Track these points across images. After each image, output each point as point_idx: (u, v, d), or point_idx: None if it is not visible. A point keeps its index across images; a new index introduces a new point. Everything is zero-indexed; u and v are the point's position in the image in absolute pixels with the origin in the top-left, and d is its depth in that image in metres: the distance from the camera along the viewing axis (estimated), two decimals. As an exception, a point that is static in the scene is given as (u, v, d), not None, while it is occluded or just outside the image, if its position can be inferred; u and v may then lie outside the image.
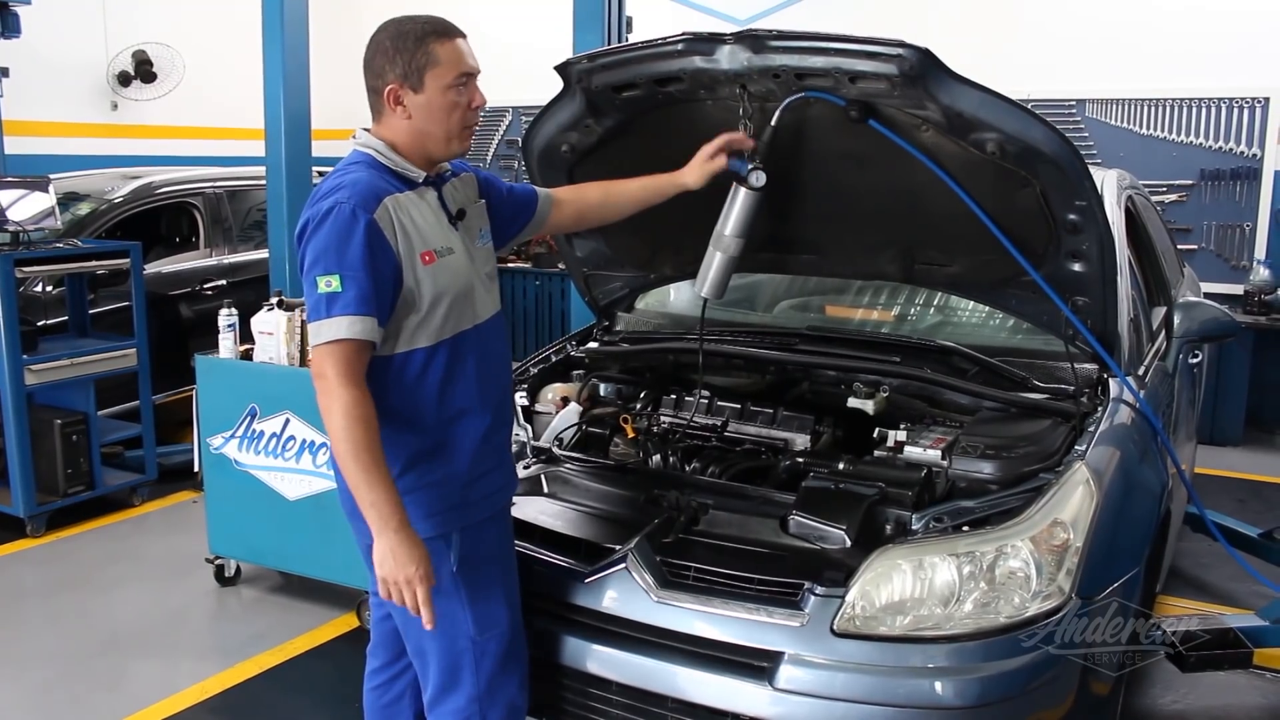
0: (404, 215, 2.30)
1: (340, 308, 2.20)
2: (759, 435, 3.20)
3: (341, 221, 2.22)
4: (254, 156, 6.03)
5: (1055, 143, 2.61)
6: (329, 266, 2.21)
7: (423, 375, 2.36)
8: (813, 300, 3.92)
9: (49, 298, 5.86)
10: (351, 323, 2.20)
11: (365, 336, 2.21)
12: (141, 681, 3.85)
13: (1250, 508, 5.66)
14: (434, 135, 2.37)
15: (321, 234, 2.23)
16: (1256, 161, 7.12)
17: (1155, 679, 3.72)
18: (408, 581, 2.21)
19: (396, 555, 2.20)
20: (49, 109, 8.15)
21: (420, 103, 2.33)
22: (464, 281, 2.40)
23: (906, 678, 2.32)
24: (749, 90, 2.78)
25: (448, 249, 2.38)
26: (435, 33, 2.34)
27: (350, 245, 2.21)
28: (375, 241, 2.23)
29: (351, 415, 2.18)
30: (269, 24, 5.20)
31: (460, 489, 2.41)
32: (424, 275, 2.31)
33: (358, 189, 2.26)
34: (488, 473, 2.46)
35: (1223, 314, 3.59)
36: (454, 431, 2.40)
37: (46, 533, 5.22)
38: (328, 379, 2.21)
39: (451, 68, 2.33)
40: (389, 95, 2.33)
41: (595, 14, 5.18)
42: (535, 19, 8.04)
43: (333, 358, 2.20)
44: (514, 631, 2.51)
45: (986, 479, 2.71)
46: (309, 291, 2.27)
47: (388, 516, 2.20)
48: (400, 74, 2.32)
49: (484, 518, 2.46)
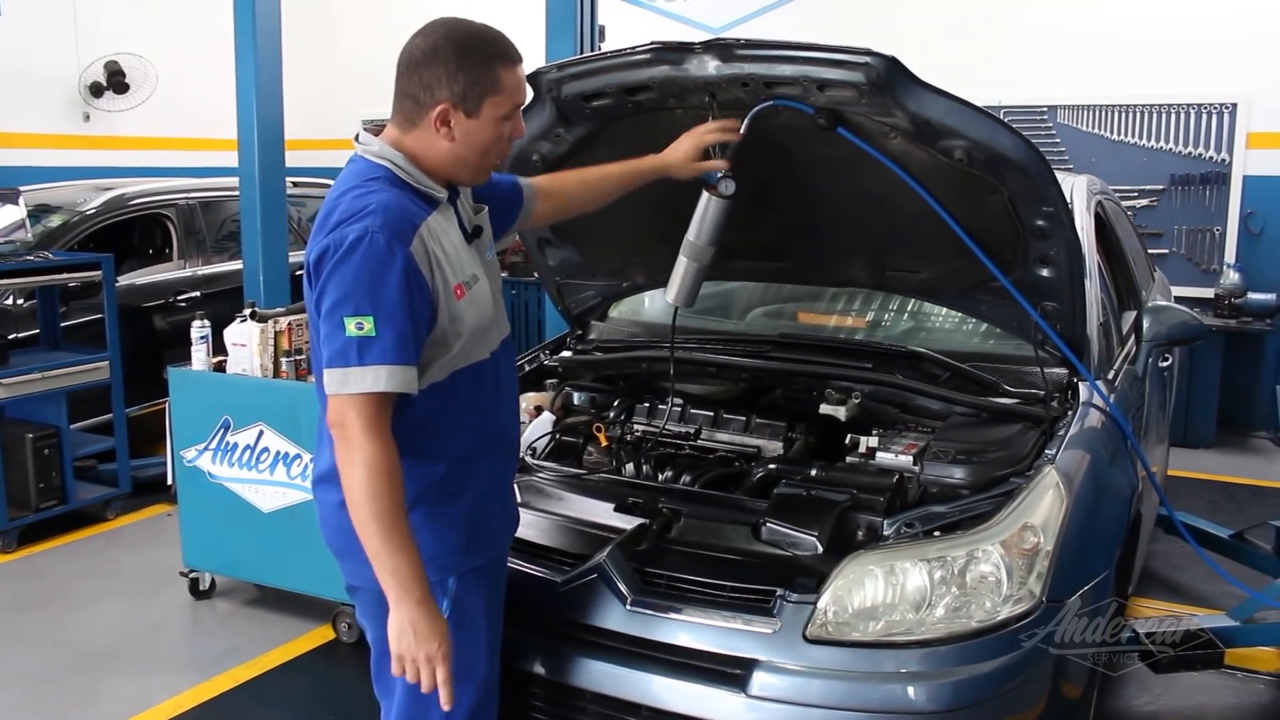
0: (436, 245, 2.09)
1: (376, 356, 1.97)
2: (732, 442, 3.21)
3: (375, 254, 1.97)
4: (228, 167, 5.99)
5: (1022, 149, 2.64)
6: (360, 306, 1.97)
7: (433, 410, 2.16)
8: (786, 307, 3.93)
9: (20, 310, 5.82)
10: (391, 374, 1.98)
11: (404, 388, 2.01)
12: (116, 697, 3.82)
13: (1222, 509, 5.71)
14: (469, 164, 2.18)
15: (350, 267, 1.98)
16: (1225, 166, 7.19)
17: (1129, 680, 3.74)
18: (428, 659, 2.01)
19: (418, 630, 2.00)
20: (19, 120, 8.09)
21: (470, 129, 2.13)
22: (489, 311, 2.23)
23: (879, 683, 2.33)
24: (718, 99, 2.79)
25: (474, 277, 2.19)
26: (504, 57, 2.14)
27: (386, 283, 1.97)
28: (413, 279, 2.00)
29: (377, 473, 1.97)
30: (241, 34, 5.17)
31: (465, 532, 2.22)
32: (457, 311, 2.12)
33: (389, 215, 2.01)
34: (494, 514, 2.32)
35: (1190, 318, 3.62)
36: (462, 469, 2.22)
37: (18, 548, 5.17)
38: (349, 430, 1.99)
39: (510, 98, 2.15)
40: (438, 113, 2.10)
41: (568, 23, 5.18)
42: (509, 28, 8.02)
43: (358, 408, 1.98)
44: (490, 684, 2.35)
45: (957, 484, 2.73)
46: (332, 333, 2.00)
47: (410, 587, 1.99)
48: (458, 94, 2.10)
49: (483, 562, 2.29)
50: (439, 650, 2.02)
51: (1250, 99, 7.10)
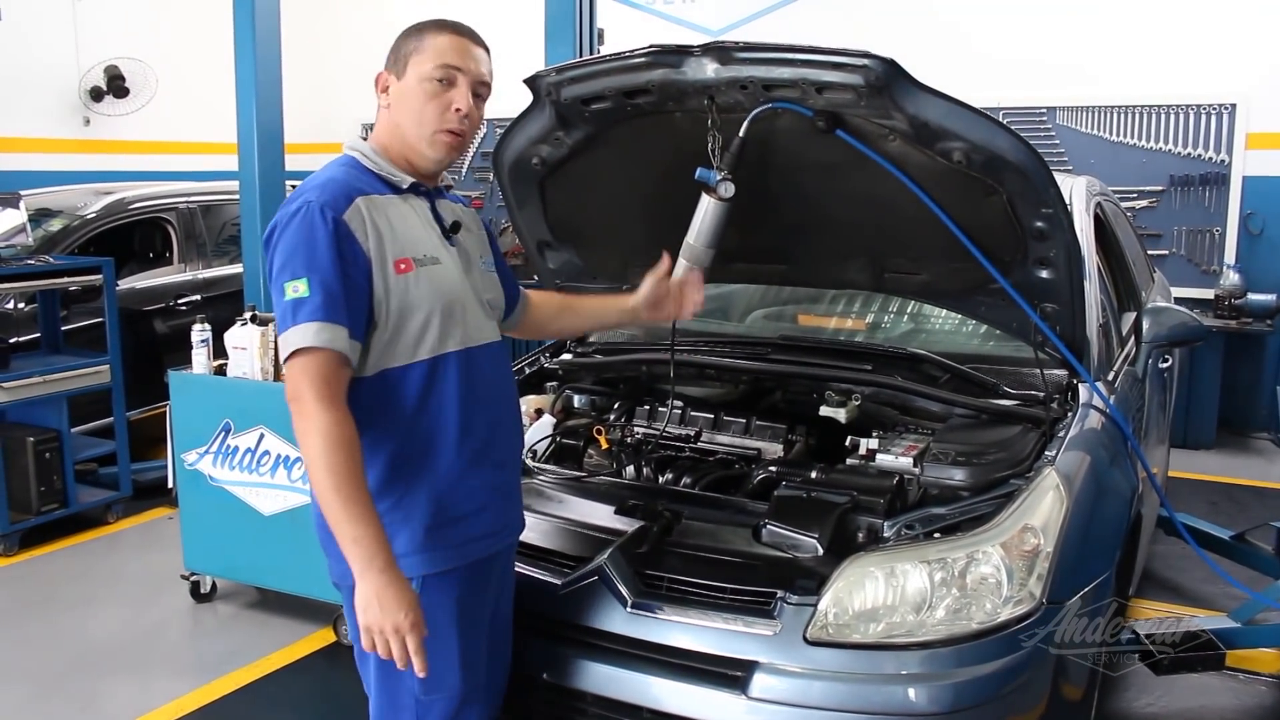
0: (380, 216, 2.13)
1: (308, 314, 2.01)
2: (732, 445, 3.20)
3: (309, 221, 2.05)
4: (228, 171, 6.00)
5: (1021, 151, 2.64)
6: (295, 270, 2.03)
7: (395, 399, 2.15)
8: (785, 309, 3.93)
9: (21, 314, 5.82)
10: (319, 329, 2.00)
11: (333, 345, 2.01)
12: (116, 700, 3.82)
13: (1222, 510, 5.71)
14: (407, 129, 2.21)
15: (288, 236, 2.06)
16: (1225, 167, 7.20)
17: (1129, 682, 3.74)
18: (395, 630, 1.97)
19: (383, 600, 1.96)
20: (20, 125, 8.10)
21: (399, 91, 2.22)
22: (450, 297, 2.19)
23: (880, 685, 2.33)
24: (717, 102, 2.79)
25: (432, 259, 2.18)
26: (436, 26, 2.24)
27: (317, 246, 2.03)
28: (344, 242, 2.06)
29: (330, 440, 1.97)
30: (241, 37, 5.18)
31: (426, 530, 2.17)
32: (395, 285, 2.12)
33: (329, 188, 2.11)
34: (465, 517, 2.23)
35: (1190, 318, 3.62)
36: (424, 465, 2.18)
37: (20, 551, 5.17)
38: (303, 400, 2.00)
39: (434, 56, 2.19)
40: (377, 82, 2.25)
41: (566, 26, 5.19)
42: (508, 31, 8.04)
43: (307, 375, 2.00)
44: (465, 700, 2.26)
45: (958, 485, 2.73)
46: (277, 301, 2.08)
47: (372, 555, 1.97)
48: (391, 61, 2.24)
49: (450, 568, 2.21)
50: (407, 619, 1.98)
51: (1249, 99, 7.11)
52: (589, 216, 3.45)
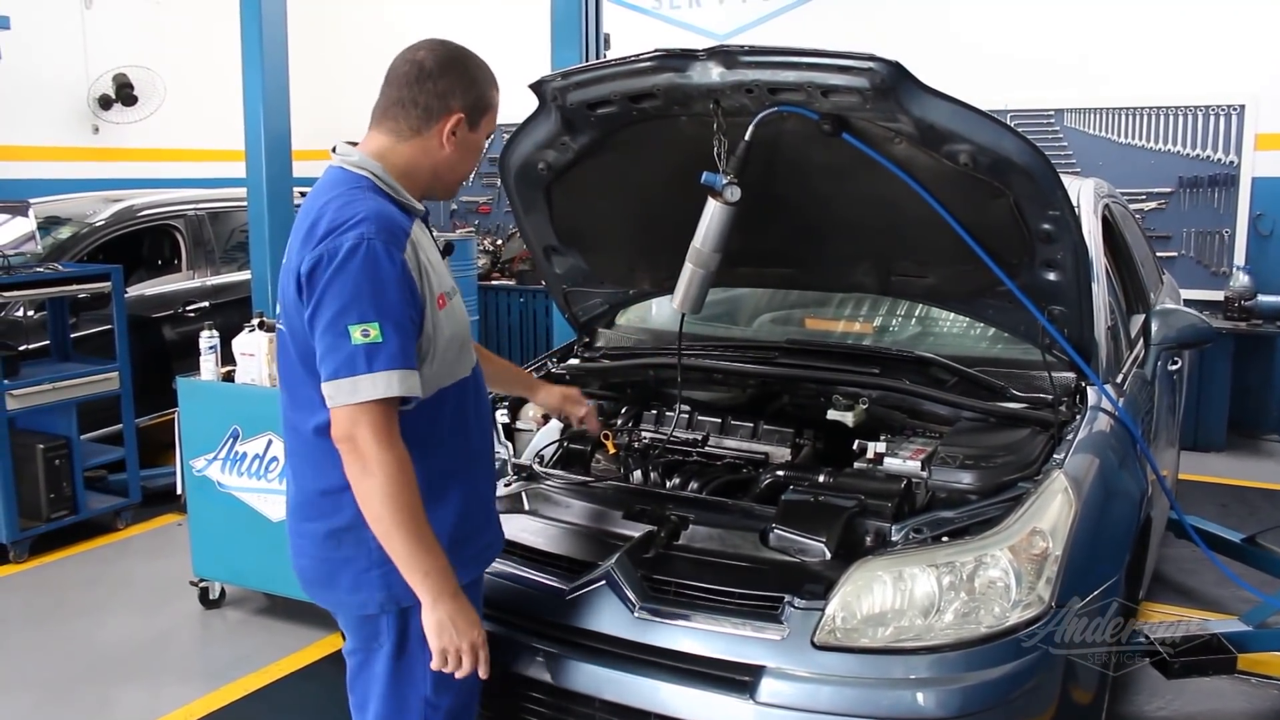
0: (422, 254, 2.13)
1: (385, 361, 1.98)
2: (739, 449, 3.20)
3: (374, 261, 1.99)
4: (235, 178, 6.02)
5: (1027, 153, 2.64)
6: (365, 314, 1.97)
7: (427, 426, 2.17)
8: (793, 313, 3.93)
9: (30, 322, 5.85)
10: (403, 377, 2.00)
11: (413, 393, 2.03)
12: (126, 706, 3.83)
13: (1233, 512, 5.69)
14: (457, 175, 2.29)
15: (350, 275, 1.99)
16: (1234, 168, 7.18)
17: (1140, 686, 3.72)
18: (471, 648, 2.12)
19: (458, 624, 2.09)
20: (29, 133, 8.14)
21: (469, 142, 2.24)
22: (466, 325, 2.27)
23: (888, 689, 2.32)
24: (723, 105, 2.79)
25: (454, 290, 2.25)
26: (496, 83, 2.30)
27: (388, 289, 2.00)
28: (408, 285, 2.05)
29: (396, 481, 2.00)
30: (248, 45, 5.20)
31: (451, 547, 2.18)
32: (438, 319, 2.15)
33: (382, 222, 2.05)
34: (476, 531, 2.34)
35: (1200, 320, 3.61)
36: (446, 487, 2.23)
37: (30, 558, 5.19)
38: (362, 442, 1.99)
39: (494, 120, 2.31)
40: (451, 121, 2.19)
41: (573, 31, 5.20)
42: (516, 36, 8.06)
43: (370, 417, 1.98)
44: (469, 693, 2.35)
45: (966, 489, 2.72)
46: (336, 343, 2.00)
47: (443, 585, 2.07)
48: (470, 105, 2.21)
49: (469, 581, 2.26)
50: (480, 637, 2.14)
51: (1258, 100, 7.09)
52: (595, 221, 3.45)
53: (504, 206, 9.63)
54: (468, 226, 10.01)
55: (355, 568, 2.19)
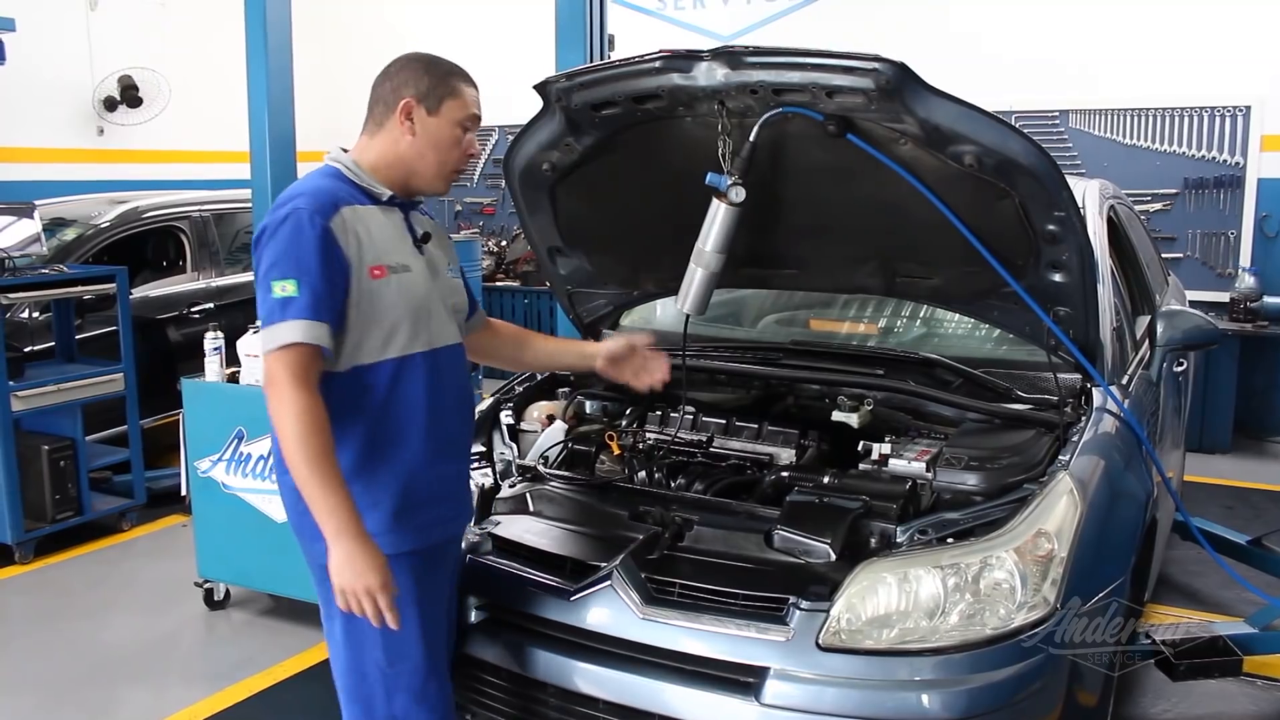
0: (360, 225, 2.32)
1: (295, 312, 2.20)
2: (744, 450, 3.20)
3: (298, 226, 2.24)
4: (240, 180, 6.02)
5: (1032, 154, 2.63)
6: (285, 271, 2.22)
7: (365, 393, 2.33)
8: (797, 314, 3.92)
9: (35, 323, 5.85)
10: (307, 327, 2.20)
11: (318, 341, 2.21)
12: (130, 707, 3.83)
13: (1239, 514, 5.68)
14: (428, 162, 2.42)
15: (278, 239, 2.25)
16: (1239, 169, 7.17)
17: (1146, 688, 3.72)
18: (367, 590, 2.17)
19: (355, 563, 2.17)
20: (34, 135, 8.16)
21: (430, 125, 2.40)
22: (418, 302, 2.39)
23: (893, 691, 2.32)
24: (727, 106, 2.79)
25: (403, 266, 2.37)
26: (462, 75, 2.46)
27: (305, 250, 2.22)
28: (329, 247, 2.24)
29: (305, 420, 2.17)
30: (253, 47, 5.19)
31: (389, 515, 2.35)
32: (369, 289, 2.31)
33: (317, 196, 2.29)
34: (423, 504, 2.41)
35: (1205, 322, 3.60)
36: (389, 456, 2.36)
37: (35, 559, 5.19)
38: (279, 384, 2.19)
39: (466, 107, 2.43)
40: (403, 108, 2.38)
41: (577, 32, 5.19)
42: (521, 37, 8.07)
43: (284, 362, 2.20)
44: (429, 676, 2.42)
45: (971, 490, 2.71)
46: (263, 297, 2.26)
47: (345, 522, 2.17)
48: (422, 92, 2.39)
49: (412, 549, 2.38)
50: (378, 579, 2.17)
51: (1264, 101, 7.08)
52: (600, 222, 3.44)
53: (508, 207, 9.65)
54: (472, 227, 10.03)
55: (312, 518, 2.28)
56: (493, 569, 2.77)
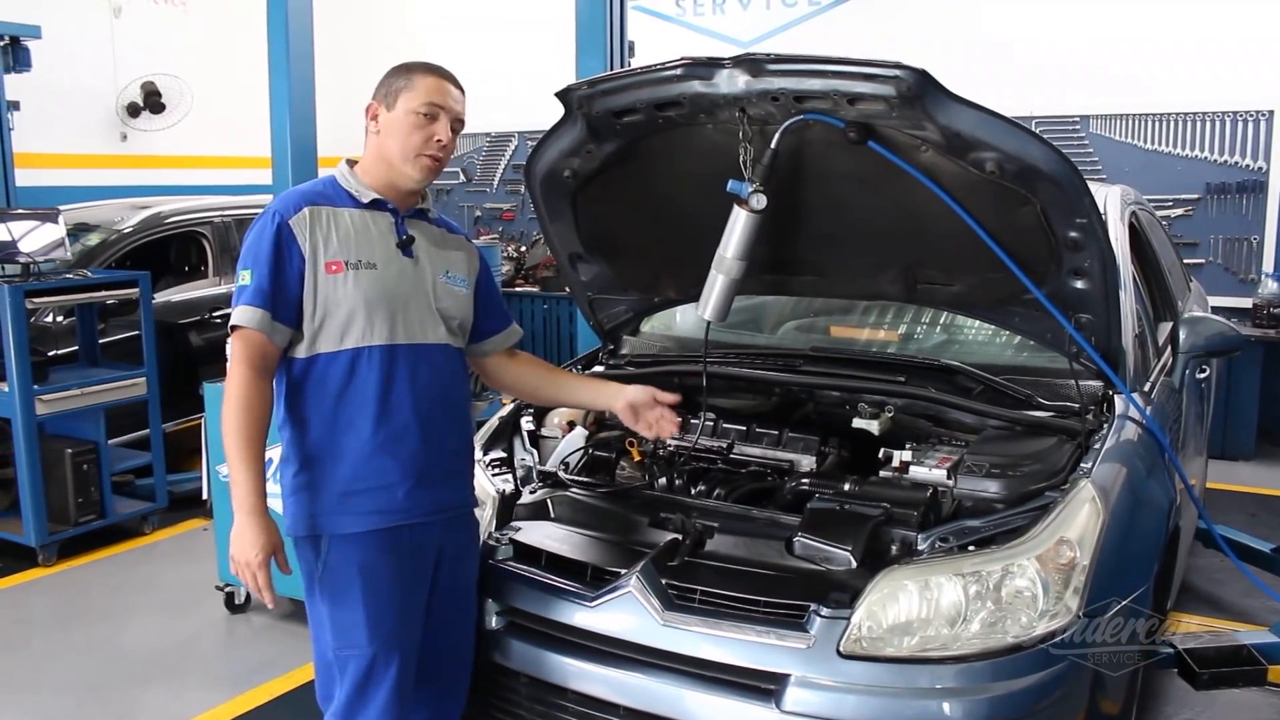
0: (324, 223, 2.47)
1: (245, 298, 2.40)
2: (764, 457, 3.19)
3: (262, 224, 2.45)
4: (261, 185, 6.06)
5: (1054, 161, 2.62)
6: (244, 262, 2.44)
7: (322, 379, 2.46)
8: (817, 321, 3.92)
9: (59, 328, 5.90)
10: (251, 312, 2.39)
11: (259, 326, 2.39)
12: (152, 710, 3.85)
13: (1262, 521, 5.63)
14: (392, 151, 2.53)
15: (249, 233, 2.48)
16: (1262, 174, 7.13)
17: (1168, 697, 3.69)
18: (247, 564, 2.34)
19: (244, 536, 2.35)
20: (59, 141, 8.22)
21: (388, 120, 2.54)
22: (380, 298, 2.48)
23: (914, 699, 2.32)
24: (748, 114, 2.79)
25: (368, 263, 2.48)
26: (423, 68, 2.57)
27: (262, 244, 2.42)
28: (284, 241, 2.42)
29: (238, 394, 2.37)
30: (275, 54, 5.24)
31: (337, 497, 2.47)
32: (324, 283, 2.44)
33: (290, 197, 2.50)
34: (373, 490, 2.49)
35: (1228, 328, 3.57)
36: (340, 441, 2.48)
37: (58, 562, 5.23)
38: (230, 362, 2.41)
39: (422, 94, 2.53)
40: (368, 111, 2.58)
41: (598, 39, 5.21)
42: (541, 44, 8.09)
43: (235, 342, 2.41)
44: (376, 662, 2.50)
45: (992, 498, 2.70)
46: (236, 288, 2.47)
47: (244, 496, 2.34)
48: (383, 94, 2.56)
49: (359, 531, 2.48)
50: (257, 557, 2.35)
51: (1286, 106, 7.04)
52: (621, 229, 3.45)
53: (528, 213, 9.67)
54: (492, 233, 10.05)
55: (294, 514, 2.51)
56: (514, 574, 2.78)
